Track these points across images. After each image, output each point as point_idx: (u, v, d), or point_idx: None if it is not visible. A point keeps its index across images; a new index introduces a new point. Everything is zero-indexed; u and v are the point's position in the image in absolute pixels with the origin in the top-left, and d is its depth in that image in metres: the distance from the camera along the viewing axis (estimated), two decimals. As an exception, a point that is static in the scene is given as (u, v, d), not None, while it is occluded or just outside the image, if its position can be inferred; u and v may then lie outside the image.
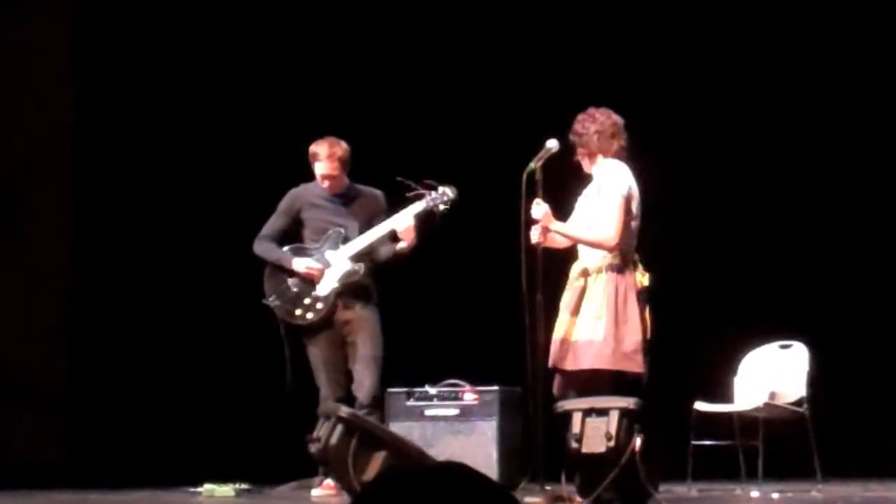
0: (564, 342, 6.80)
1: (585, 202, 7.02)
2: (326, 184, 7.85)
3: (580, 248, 7.00)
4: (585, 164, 7.03)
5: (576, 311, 6.81)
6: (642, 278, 6.85)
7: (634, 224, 6.91)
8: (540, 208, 6.82)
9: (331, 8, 10.45)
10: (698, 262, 9.62)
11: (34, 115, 10.46)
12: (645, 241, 6.99)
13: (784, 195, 9.96)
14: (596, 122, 6.94)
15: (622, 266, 6.81)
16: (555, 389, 6.89)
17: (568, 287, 6.92)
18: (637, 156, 7.04)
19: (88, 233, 10.46)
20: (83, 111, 10.57)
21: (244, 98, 10.33)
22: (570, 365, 6.78)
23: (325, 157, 7.81)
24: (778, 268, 9.87)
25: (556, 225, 6.88)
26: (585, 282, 6.83)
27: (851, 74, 9.92)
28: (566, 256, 7.07)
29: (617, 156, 6.95)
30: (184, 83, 10.43)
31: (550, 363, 6.83)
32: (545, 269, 6.77)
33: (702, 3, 10.12)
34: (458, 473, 2.21)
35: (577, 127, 6.98)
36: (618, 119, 7.00)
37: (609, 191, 6.88)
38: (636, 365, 6.76)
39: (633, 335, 6.74)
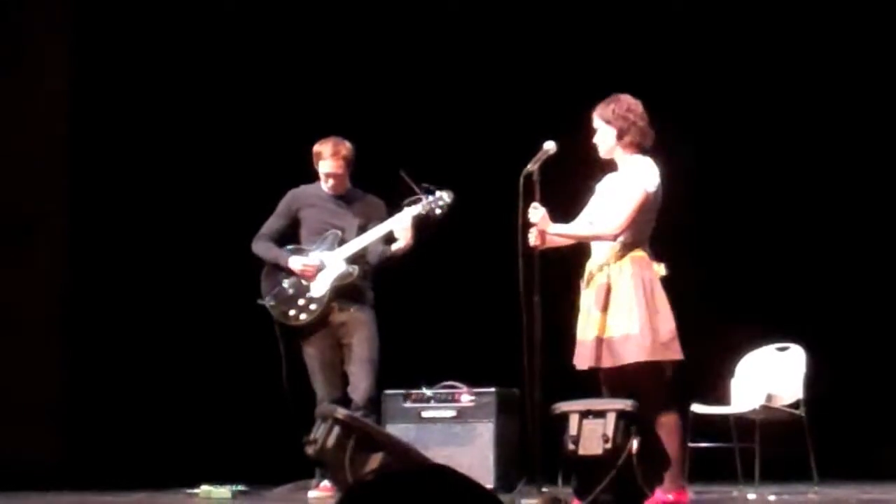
0: (599, 341, 6.65)
1: (609, 193, 6.84)
2: (330, 182, 7.85)
3: (592, 243, 6.89)
4: (610, 151, 6.81)
5: (605, 308, 6.66)
6: (659, 268, 6.77)
7: (650, 219, 6.78)
8: (537, 212, 6.74)
9: (330, 9, 10.46)
10: (695, 263, 9.60)
11: (31, 124, 10.46)
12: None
13: (781, 197, 9.96)
14: (635, 114, 6.73)
15: (640, 256, 6.70)
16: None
17: (587, 285, 6.78)
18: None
19: (86, 234, 10.46)
20: (82, 110, 10.57)
21: (243, 100, 10.34)
22: (608, 362, 6.64)
23: (330, 154, 7.81)
24: (775, 270, 9.87)
25: (553, 227, 6.80)
26: (608, 277, 6.70)
27: (849, 84, 9.93)
28: (564, 259, 7.05)
29: (648, 150, 6.82)
30: (183, 84, 10.44)
31: (586, 365, 6.68)
32: (542, 271, 6.75)
33: (701, 4, 10.12)
34: (442, 476, 2.20)
35: (618, 112, 6.73)
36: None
37: (633, 183, 6.72)
38: (674, 353, 6.67)
39: (667, 323, 6.64)
